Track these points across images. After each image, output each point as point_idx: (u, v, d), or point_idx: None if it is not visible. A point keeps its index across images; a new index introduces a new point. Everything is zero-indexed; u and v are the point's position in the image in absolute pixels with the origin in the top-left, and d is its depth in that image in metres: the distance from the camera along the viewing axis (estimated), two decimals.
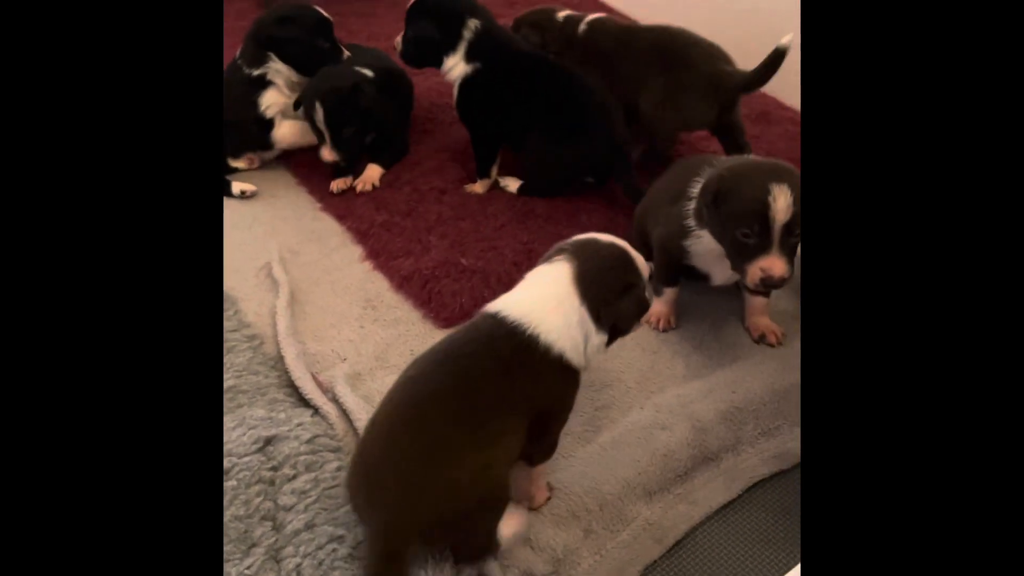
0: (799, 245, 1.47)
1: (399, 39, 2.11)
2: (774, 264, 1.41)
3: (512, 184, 2.11)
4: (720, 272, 1.63)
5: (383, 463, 1.12)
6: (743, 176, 1.45)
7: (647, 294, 1.31)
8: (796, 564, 0.99)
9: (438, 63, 2.07)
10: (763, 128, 2.38)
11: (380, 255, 1.90)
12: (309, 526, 1.23)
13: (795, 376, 1.60)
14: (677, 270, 1.67)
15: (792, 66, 2.53)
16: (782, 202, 1.38)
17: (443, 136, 2.34)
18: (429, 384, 1.17)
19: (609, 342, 1.26)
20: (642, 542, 1.31)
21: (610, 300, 1.22)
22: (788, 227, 1.40)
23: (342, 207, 2.06)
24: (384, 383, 1.57)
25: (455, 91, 2.08)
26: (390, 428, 1.15)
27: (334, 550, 1.19)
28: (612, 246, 1.28)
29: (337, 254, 1.93)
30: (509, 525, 1.24)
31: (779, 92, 2.59)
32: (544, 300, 1.21)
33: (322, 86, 2.04)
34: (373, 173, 2.14)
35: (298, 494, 1.28)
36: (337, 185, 2.12)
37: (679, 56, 2.01)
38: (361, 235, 1.97)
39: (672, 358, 1.65)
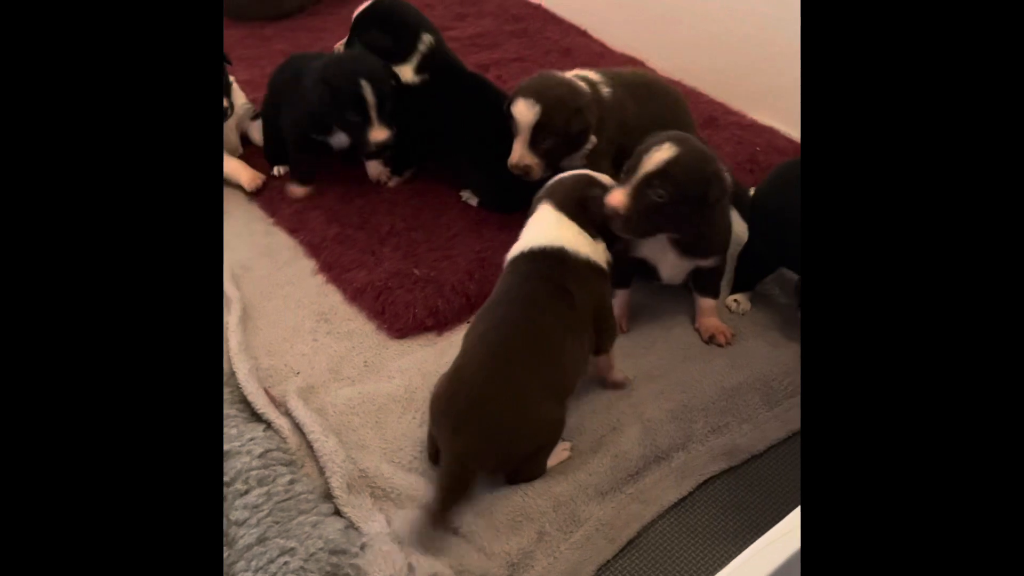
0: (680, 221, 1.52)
1: (340, 45, 2.05)
2: (615, 195, 1.47)
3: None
4: (666, 264, 1.66)
5: (473, 403, 1.31)
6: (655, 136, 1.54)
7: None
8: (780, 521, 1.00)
9: None
10: (711, 133, 2.42)
11: (333, 268, 1.90)
12: (261, 540, 1.23)
13: (743, 374, 1.63)
14: (628, 264, 1.68)
15: (737, 70, 2.60)
16: (655, 156, 1.47)
17: None
18: (503, 332, 1.37)
19: (609, 245, 1.50)
20: (595, 542, 1.33)
21: (581, 204, 1.47)
22: (649, 178, 1.46)
23: (294, 221, 2.05)
24: (338, 396, 1.57)
25: None
26: (477, 372, 1.34)
27: (286, 563, 1.19)
28: (572, 175, 1.55)
29: (290, 268, 1.92)
30: (553, 456, 1.44)
31: (726, 98, 2.64)
32: (549, 226, 1.46)
33: (358, 68, 1.90)
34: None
35: (250, 508, 1.28)
36: (295, 192, 2.10)
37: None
38: (314, 248, 1.96)
39: (623, 360, 1.67)
